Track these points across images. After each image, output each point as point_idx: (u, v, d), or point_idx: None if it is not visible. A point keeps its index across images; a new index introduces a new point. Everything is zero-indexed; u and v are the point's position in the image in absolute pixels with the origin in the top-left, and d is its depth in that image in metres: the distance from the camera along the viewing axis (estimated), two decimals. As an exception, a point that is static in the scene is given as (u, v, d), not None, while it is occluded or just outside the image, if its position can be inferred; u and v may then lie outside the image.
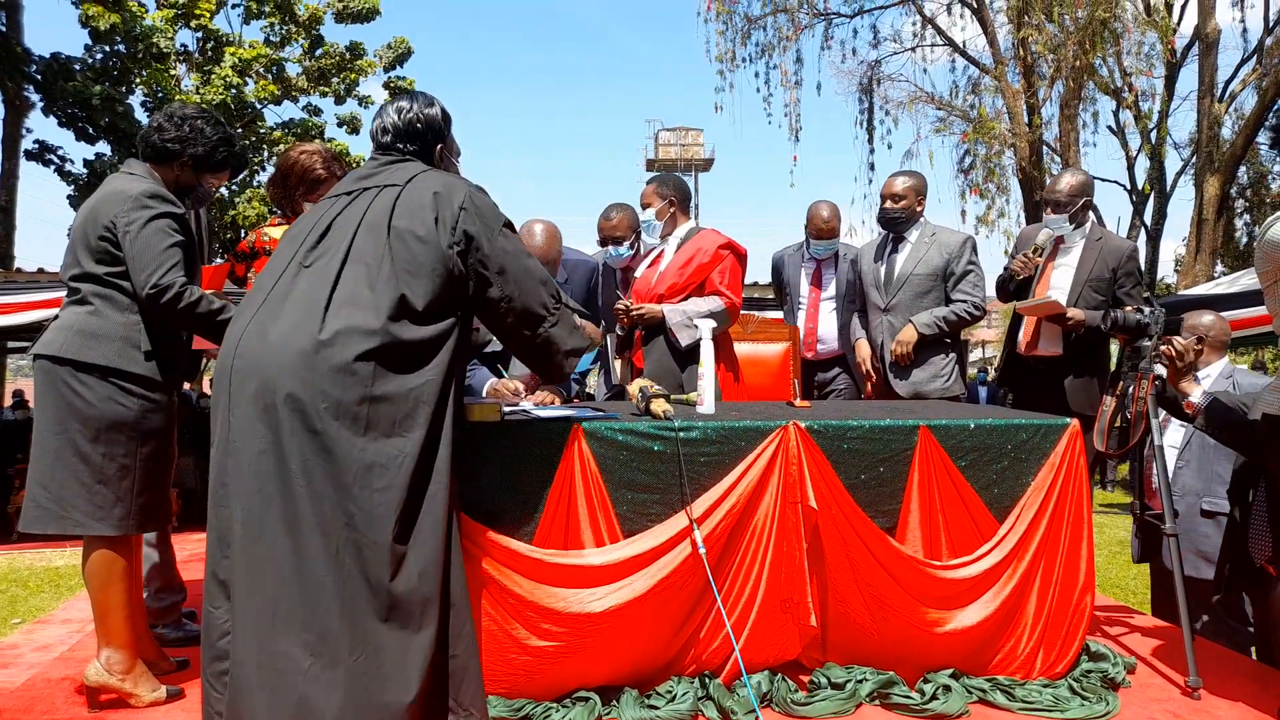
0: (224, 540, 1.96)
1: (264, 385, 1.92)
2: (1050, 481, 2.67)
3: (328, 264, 2.05)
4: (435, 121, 2.32)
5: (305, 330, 1.93)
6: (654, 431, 2.49)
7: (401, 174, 2.19)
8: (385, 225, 2.06)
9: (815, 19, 16.02)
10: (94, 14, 13.84)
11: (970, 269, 3.97)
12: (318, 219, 2.18)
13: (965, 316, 3.94)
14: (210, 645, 1.98)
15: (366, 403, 1.93)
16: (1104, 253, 3.86)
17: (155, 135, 2.64)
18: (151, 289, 2.39)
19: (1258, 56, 14.57)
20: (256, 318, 2.02)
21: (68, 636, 3.26)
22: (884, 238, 4.16)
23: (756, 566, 2.51)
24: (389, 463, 1.94)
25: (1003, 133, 14.21)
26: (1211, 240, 13.40)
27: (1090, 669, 2.69)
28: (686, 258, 3.53)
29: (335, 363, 1.91)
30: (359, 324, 1.95)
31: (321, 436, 1.89)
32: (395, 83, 17.23)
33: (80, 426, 2.39)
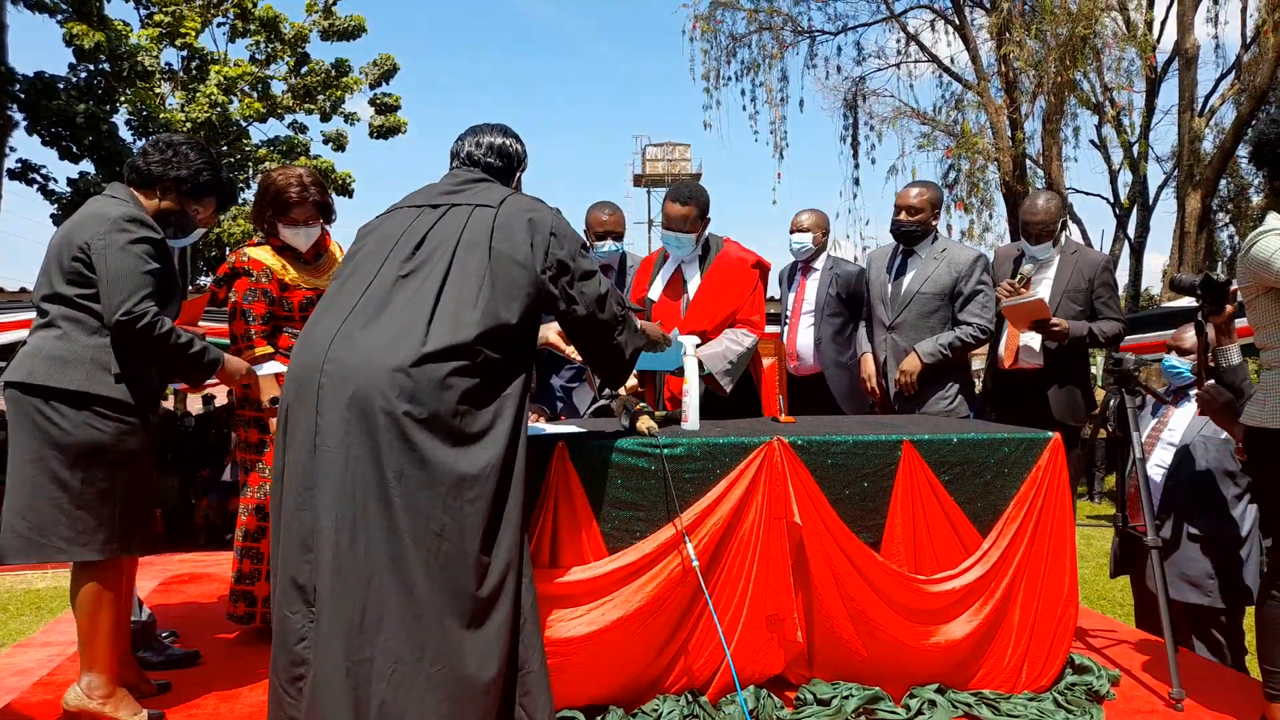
0: (306, 545, 1.97)
1: (362, 393, 1.94)
2: (1033, 495, 2.69)
3: (428, 277, 2.09)
4: (518, 154, 2.46)
5: (408, 342, 1.97)
6: (639, 448, 2.49)
7: (493, 195, 2.26)
8: (486, 246, 2.13)
9: (799, 37, 16.16)
10: (78, 32, 13.82)
11: (980, 289, 3.84)
12: (408, 228, 2.22)
13: (970, 342, 3.84)
14: (286, 650, 1.99)
15: (460, 416, 1.98)
16: (1080, 265, 3.90)
17: (140, 160, 2.62)
18: (122, 315, 2.34)
19: (1236, 72, 14.78)
20: (348, 323, 2.04)
21: (48, 660, 3.22)
22: (895, 248, 4.06)
23: (742, 583, 2.51)
24: (479, 474, 1.98)
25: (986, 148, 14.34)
26: (1194, 253, 13.54)
27: (1075, 682, 2.70)
28: (717, 284, 3.35)
29: (435, 376, 1.96)
30: (460, 340, 2.00)
31: (417, 447, 1.93)
32: (381, 99, 17.27)
33: (57, 454, 2.35)
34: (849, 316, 4.25)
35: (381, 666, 1.90)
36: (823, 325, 4.24)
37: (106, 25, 14.22)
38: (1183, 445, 3.43)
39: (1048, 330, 3.76)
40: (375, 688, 1.89)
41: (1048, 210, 3.87)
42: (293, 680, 1.97)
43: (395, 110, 17.50)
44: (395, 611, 1.91)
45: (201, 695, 2.69)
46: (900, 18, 16.19)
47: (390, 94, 17.47)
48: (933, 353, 3.80)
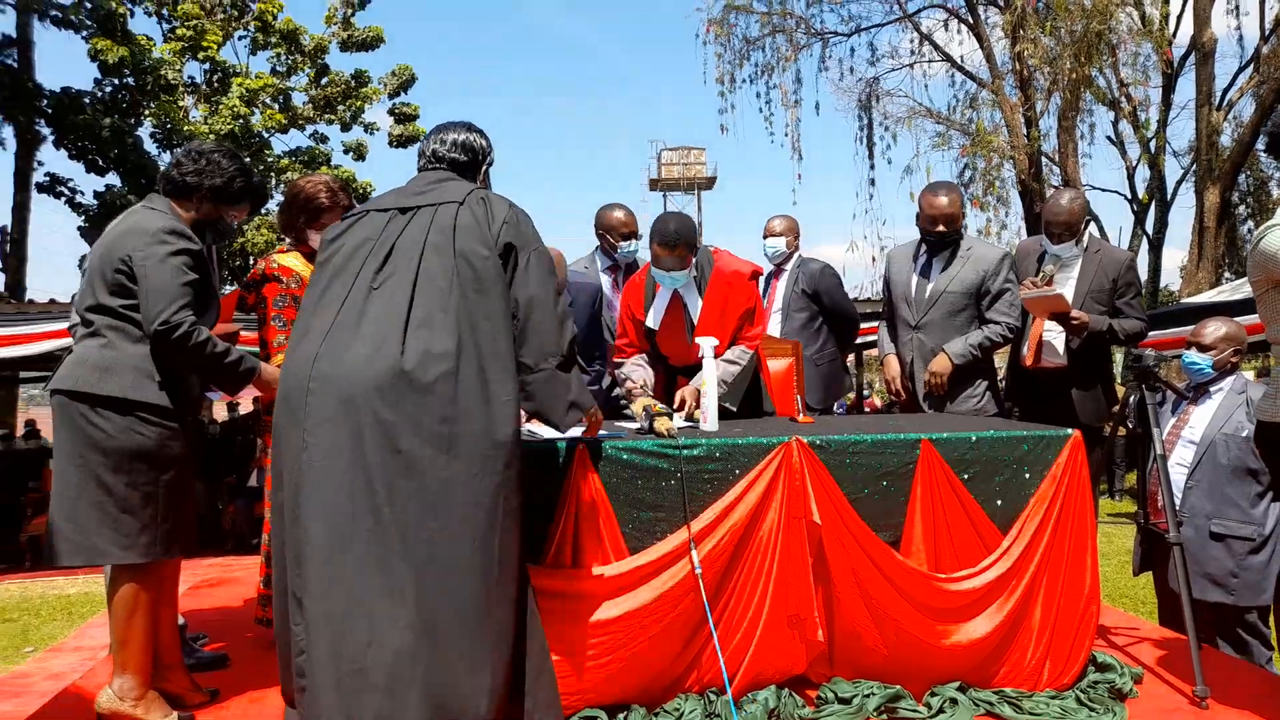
0: (299, 558, 1.99)
1: (346, 406, 1.96)
2: (1053, 492, 2.69)
3: (398, 285, 2.09)
4: (483, 148, 2.46)
5: (386, 353, 1.98)
6: (658, 450, 2.52)
7: (455, 191, 2.25)
8: (450, 247, 2.13)
9: (812, 38, 16.14)
10: (103, 48, 14.05)
11: (1007, 287, 3.79)
12: (379, 237, 2.21)
13: (999, 341, 3.80)
14: (290, 664, 2.02)
15: (447, 422, 1.97)
16: (1103, 264, 3.89)
17: (174, 171, 2.68)
18: (160, 325, 2.40)
19: (1255, 64, 14.62)
20: (330, 338, 2.05)
21: (80, 664, 3.29)
22: (917, 247, 3.99)
23: (762, 582, 2.53)
24: (469, 480, 1.98)
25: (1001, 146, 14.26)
26: (1214, 248, 13.41)
27: (1097, 679, 2.70)
28: (718, 303, 3.27)
29: (417, 385, 1.96)
30: (437, 346, 2.00)
31: (405, 456, 1.94)
32: (400, 109, 17.44)
33: (101, 458, 2.42)
34: (815, 311, 4.44)
35: (375, 678, 1.89)
36: (790, 320, 4.41)
37: (130, 40, 14.45)
38: (1204, 443, 3.41)
39: (1067, 323, 3.74)
40: (368, 700, 1.89)
41: (1071, 210, 3.86)
42: (300, 691, 1.99)
43: (414, 119, 17.66)
44: (386, 622, 1.91)
45: (230, 697, 2.74)
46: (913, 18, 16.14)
47: (409, 103, 17.66)
48: (963, 353, 3.77)
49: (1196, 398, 3.54)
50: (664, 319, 3.36)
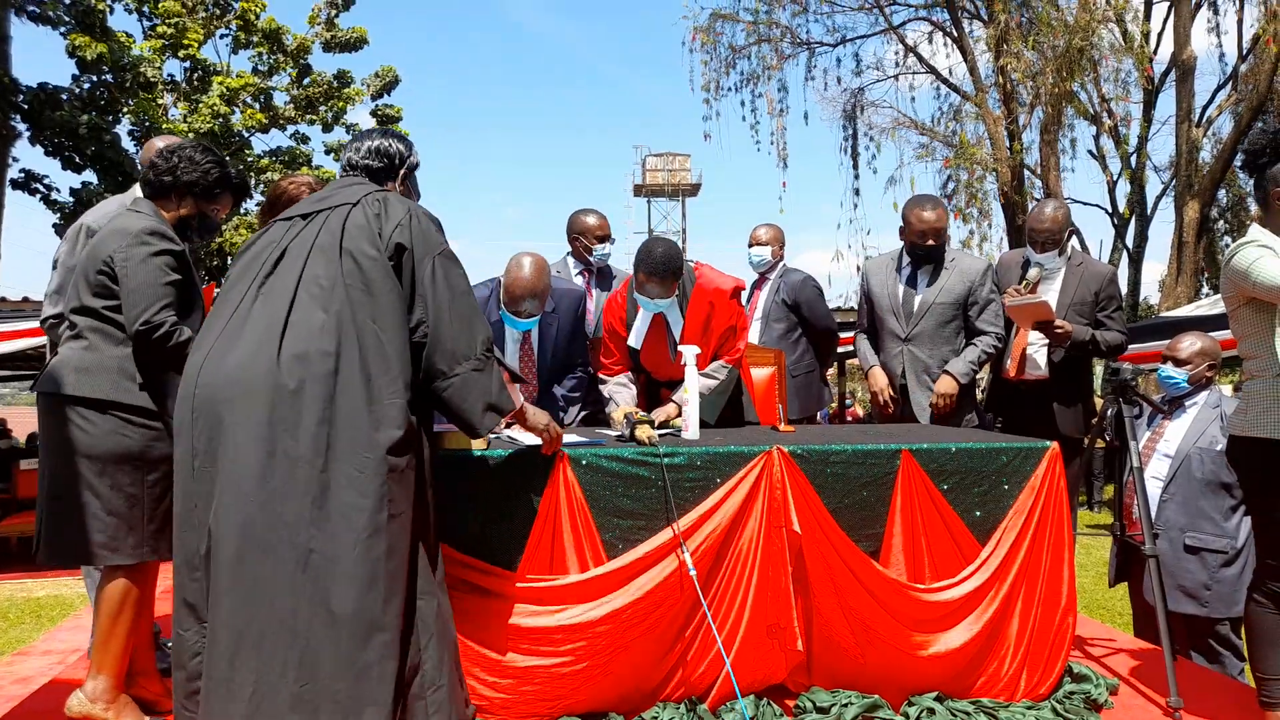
0: (191, 564, 1.97)
1: (228, 413, 1.94)
2: (1031, 504, 2.70)
3: (282, 289, 2.07)
4: (405, 154, 2.43)
5: (263, 355, 1.96)
6: (639, 458, 2.51)
7: (354, 193, 2.22)
8: (337, 246, 2.09)
9: (798, 48, 16.23)
10: (81, 44, 13.91)
11: (992, 298, 3.85)
12: (274, 242, 2.19)
13: (992, 352, 3.84)
14: (182, 667, 1.99)
15: (324, 425, 1.94)
16: (1085, 277, 3.92)
17: (150, 173, 2.67)
18: (142, 325, 2.40)
19: (1233, 82, 14.85)
20: (217, 344, 2.04)
21: (48, 668, 3.24)
22: (898, 258, 4.00)
23: (741, 591, 2.52)
24: (348, 484, 1.94)
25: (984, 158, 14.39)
26: (1193, 262, 13.58)
27: (1073, 690, 2.71)
28: (700, 321, 3.23)
29: (292, 386, 1.94)
30: (314, 348, 1.97)
31: (282, 459, 1.92)
32: (383, 110, 17.37)
33: (87, 461, 2.41)
34: (794, 322, 4.45)
35: (242, 682, 1.87)
36: (768, 330, 4.43)
37: (109, 37, 14.32)
38: (1179, 456, 3.45)
39: (1050, 331, 3.77)
40: (247, 699, 1.87)
41: (1054, 219, 3.90)
42: (189, 695, 1.97)
43: (397, 121, 17.60)
44: (263, 626, 1.89)
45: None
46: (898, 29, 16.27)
47: (392, 105, 17.58)
48: (966, 372, 3.78)
49: (1172, 411, 3.57)
50: (646, 336, 3.32)
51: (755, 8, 15.63)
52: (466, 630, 2.33)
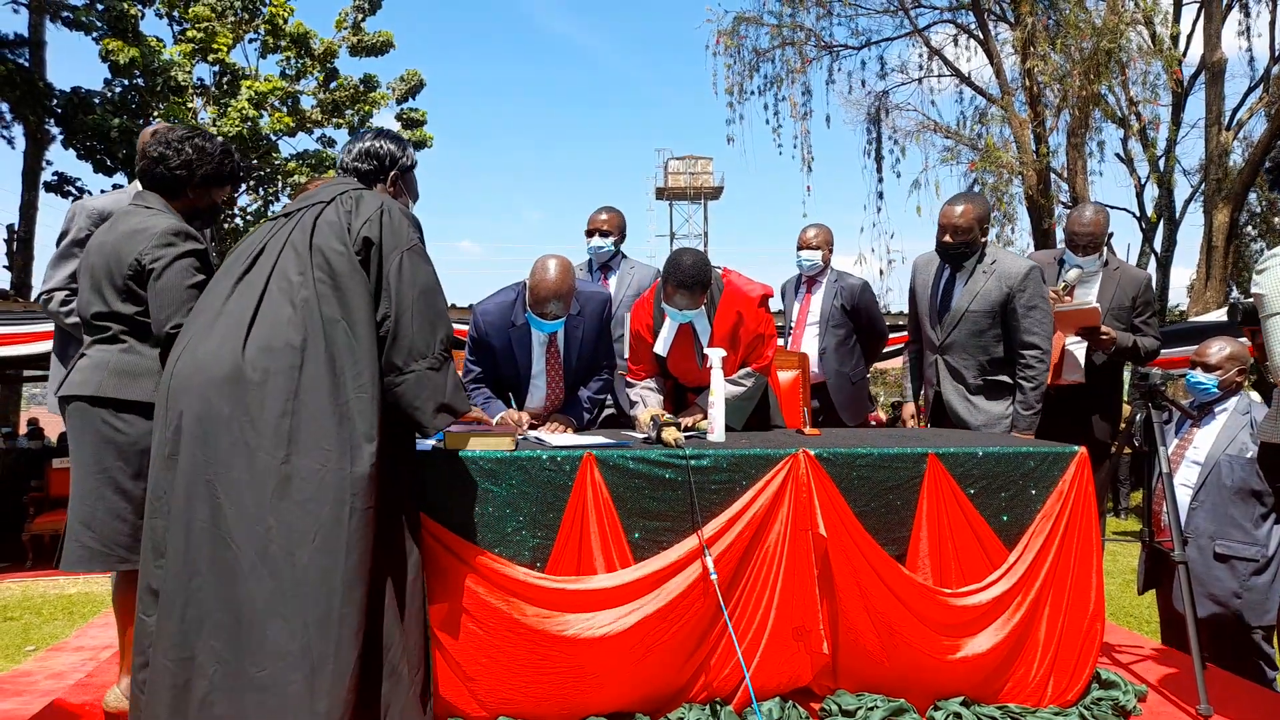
0: (159, 551, 2.01)
1: (195, 403, 1.99)
2: (1059, 509, 2.69)
3: (254, 284, 2.12)
4: (397, 155, 2.46)
5: (230, 348, 2.01)
6: (665, 460, 2.52)
7: (331, 191, 2.26)
8: (308, 242, 2.13)
9: (822, 51, 16.17)
10: (114, 48, 14.11)
11: (1036, 304, 3.51)
12: (257, 240, 2.25)
13: (1040, 380, 3.50)
14: (140, 652, 2.03)
15: (287, 417, 1.97)
16: (1122, 282, 3.89)
17: (160, 167, 2.62)
18: (172, 329, 2.39)
19: (1264, 85, 14.64)
20: (191, 339, 2.10)
21: (81, 664, 3.29)
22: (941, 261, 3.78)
23: (767, 593, 2.53)
24: (310, 476, 1.97)
25: (1010, 161, 14.27)
26: (1221, 267, 13.40)
27: (1101, 697, 2.70)
28: (729, 328, 3.22)
29: (256, 378, 1.98)
30: (279, 341, 2.01)
31: (243, 449, 1.96)
32: (408, 114, 17.50)
33: (121, 464, 2.42)
34: (852, 328, 4.37)
35: (204, 664, 1.91)
36: (827, 336, 4.34)
37: (141, 42, 14.52)
38: (1208, 463, 3.41)
39: (1096, 339, 3.69)
40: (197, 684, 1.91)
41: (1096, 221, 3.87)
42: (142, 683, 2.01)
43: (421, 125, 17.72)
44: (218, 611, 1.92)
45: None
46: (923, 32, 16.17)
47: (416, 109, 17.72)
48: (1028, 425, 3.51)
49: (1201, 418, 3.53)
50: (674, 343, 3.30)
51: (779, 11, 15.59)
52: (492, 630, 2.35)
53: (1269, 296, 2.45)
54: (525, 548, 2.45)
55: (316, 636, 1.93)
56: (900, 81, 17.12)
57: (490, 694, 2.38)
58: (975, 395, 3.65)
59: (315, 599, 1.94)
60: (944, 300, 3.72)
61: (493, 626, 2.35)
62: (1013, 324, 3.56)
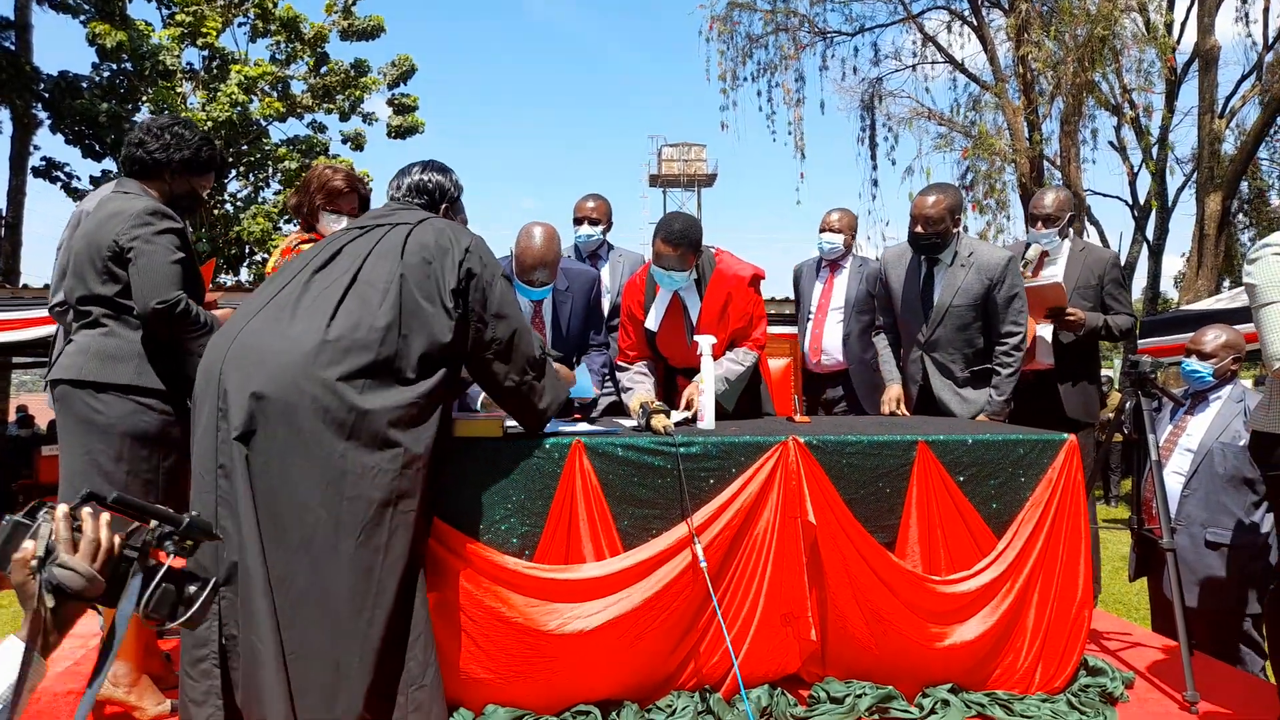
0: None
1: (261, 384, 1.99)
2: (1048, 496, 2.69)
3: (337, 281, 2.16)
4: (445, 186, 2.53)
5: (309, 338, 2.03)
6: (655, 447, 2.51)
7: (413, 215, 2.34)
8: (398, 255, 2.19)
9: (816, 38, 16.13)
10: (101, 32, 13.99)
11: (1014, 294, 3.55)
12: (329, 244, 2.30)
13: (1015, 366, 3.54)
14: (190, 635, 2.03)
15: (353, 412, 2.01)
16: (1088, 262, 3.94)
17: (139, 151, 2.66)
18: (158, 304, 2.43)
19: (1257, 73, 14.64)
20: (257, 319, 2.11)
21: (71, 651, 3.27)
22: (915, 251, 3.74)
23: (756, 580, 2.53)
24: (363, 473, 2.01)
25: (1003, 149, 14.27)
26: (1213, 255, 13.43)
27: (1088, 683, 2.70)
28: (718, 305, 3.24)
29: (330, 371, 2.00)
30: (360, 338, 2.05)
31: (304, 436, 1.97)
32: (399, 100, 17.38)
33: (103, 446, 2.43)
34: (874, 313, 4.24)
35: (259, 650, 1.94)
36: (851, 322, 4.27)
37: (129, 25, 14.39)
38: (1201, 451, 3.41)
39: (1063, 320, 3.73)
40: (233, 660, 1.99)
41: (1056, 200, 3.95)
42: (195, 662, 2.01)
43: (413, 110, 17.61)
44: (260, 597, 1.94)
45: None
46: (917, 19, 16.13)
47: (408, 94, 17.60)
48: (998, 410, 3.54)
49: (1194, 406, 3.54)
50: (663, 320, 3.34)
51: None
52: (480, 618, 2.34)
53: (1261, 287, 2.45)
54: (513, 535, 2.44)
55: (345, 633, 1.98)
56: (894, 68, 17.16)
57: (479, 683, 2.37)
58: (964, 388, 3.66)
59: (350, 596, 1.98)
60: (925, 296, 3.69)
61: (481, 615, 2.34)
62: (993, 314, 3.57)
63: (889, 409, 3.74)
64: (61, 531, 1.27)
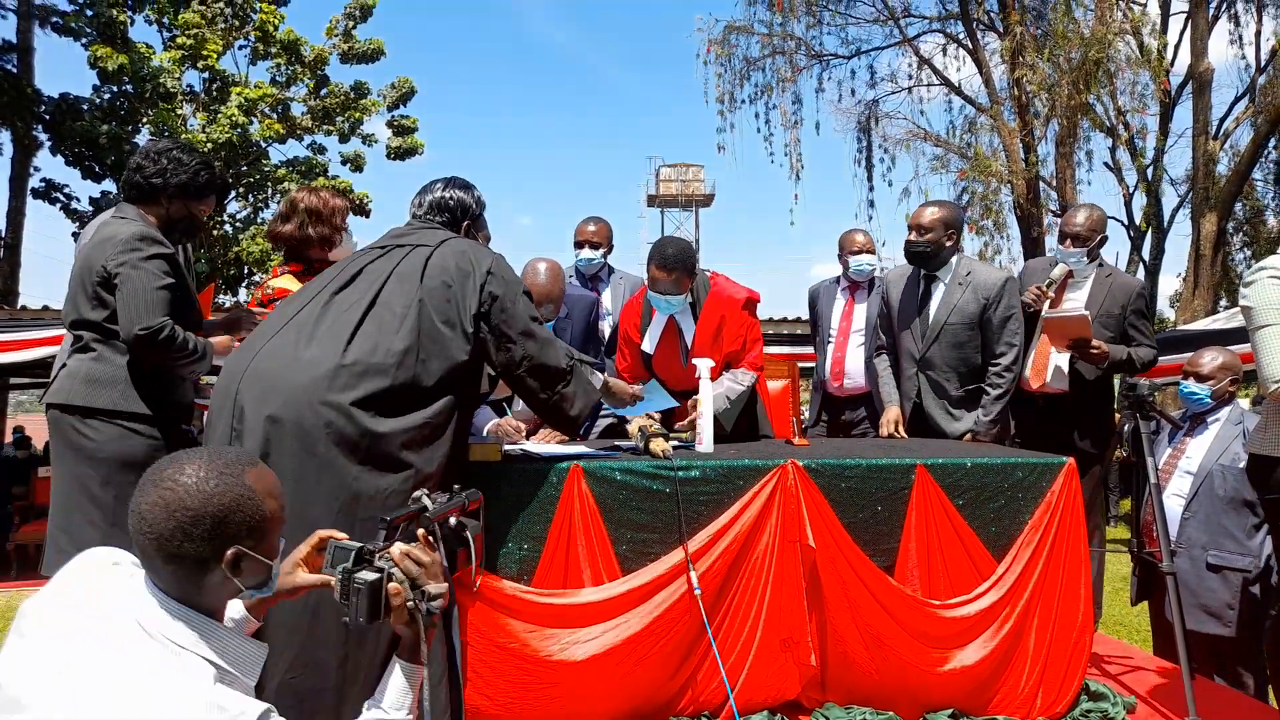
0: None
1: (277, 405, 1.98)
2: (1048, 520, 2.68)
3: (356, 304, 2.16)
4: (467, 203, 2.52)
5: (326, 360, 2.03)
6: (653, 471, 2.51)
7: (433, 237, 2.34)
8: (417, 279, 2.19)
9: (812, 60, 16.22)
10: (102, 55, 14.05)
11: (1010, 314, 3.57)
12: (349, 264, 2.31)
13: (1007, 388, 3.56)
14: None
15: (367, 436, 2.00)
16: (1114, 289, 3.81)
17: (137, 175, 2.66)
18: (141, 330, 2.41)
19: (1250, 95, 14.76)
20: (274, 341, 2.11)
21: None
22: (916, 272, 3.79)
23: (755, 605, 2.51)
24: (376, 495, 2.00)
25: (999, 170, 14.33)
26: (1209, 275, 13.46)
27: (1090, 709, 2.69)
28: (713, 328, 3.27)
29: (346, 395, 2.00)
30: (376, 362, 2.05)
31: (318, 459, 1.97)
32: (398, 122, 17.45)
33: (91, 471, 2.43)
34: None
35: None
36: (871, 344, 4.21)
37: (130, 48, 14.46)
38: (1201, 474, 3.40)
39: (1086, 352, 3.62)
40: None
41: (1089, 219, 3.83)
42: None
43: (413, 132, 17.67)
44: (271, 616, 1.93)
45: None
46: (913, 42, 16.25)
47: (408, 116, 17.66)
48: (984, 432, 3.56)
49: (1193, 428, 3.53)
50: (659, 343, 3.35)
51: (769, 20, 15.65)
52: (477, 644, 2.33)
53: (1257, 310, 2.45)
54: (512, 560, 2.43)
55: (345, 657, 1.98)
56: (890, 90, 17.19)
57: (475, 711, 2.35)
58: (957, 408, 3.66)
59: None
60: (922, 313, 3.72)
61: (478, 641, 2.32)
62: (988, 334, 3.60)
63: (887, 431, 3.74)
64: (412, 568, 1.55)
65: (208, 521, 1.33)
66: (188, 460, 1.38)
